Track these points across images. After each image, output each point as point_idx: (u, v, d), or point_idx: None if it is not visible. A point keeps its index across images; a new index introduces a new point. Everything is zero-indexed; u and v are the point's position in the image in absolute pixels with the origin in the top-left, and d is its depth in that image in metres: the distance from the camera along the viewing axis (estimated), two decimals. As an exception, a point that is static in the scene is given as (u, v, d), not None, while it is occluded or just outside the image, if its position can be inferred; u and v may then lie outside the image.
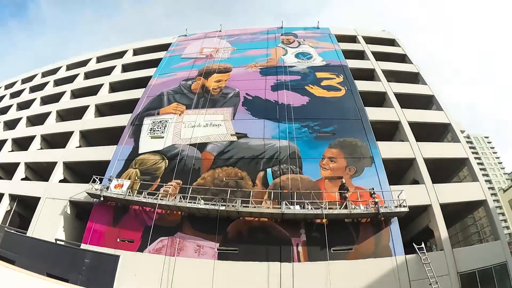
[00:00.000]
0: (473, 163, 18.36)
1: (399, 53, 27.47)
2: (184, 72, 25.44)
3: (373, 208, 14.19)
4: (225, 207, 14.68)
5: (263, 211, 14.79)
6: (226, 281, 13.67)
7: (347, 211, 14.04)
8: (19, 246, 16.15)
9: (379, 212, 14.05)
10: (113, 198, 16.43)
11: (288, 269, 13.65)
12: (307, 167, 16.98)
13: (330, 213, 14.12)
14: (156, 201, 15.53)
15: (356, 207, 14.29)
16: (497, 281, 14.54)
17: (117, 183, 16.91)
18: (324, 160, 17.30)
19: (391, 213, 14.41)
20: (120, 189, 16.52)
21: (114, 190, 16.54)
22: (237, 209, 14.50)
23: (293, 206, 14.56)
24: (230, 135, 19.22)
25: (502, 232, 16.36)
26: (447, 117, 20.61)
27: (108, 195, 16.33)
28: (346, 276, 13.46)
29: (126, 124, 21.60)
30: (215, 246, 14.63)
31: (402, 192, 14.88)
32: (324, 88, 21.86)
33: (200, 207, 14.93)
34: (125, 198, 15.96)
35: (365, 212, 14.20)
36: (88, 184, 17.19)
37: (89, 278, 14.16)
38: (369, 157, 17.34)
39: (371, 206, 14.33)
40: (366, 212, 14.21)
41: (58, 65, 35.50)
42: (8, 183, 22.37)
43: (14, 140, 26.81)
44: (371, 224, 14.61)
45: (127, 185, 16.78)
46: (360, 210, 14.20)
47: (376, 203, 14.25)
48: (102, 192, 16.34)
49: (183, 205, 15.11)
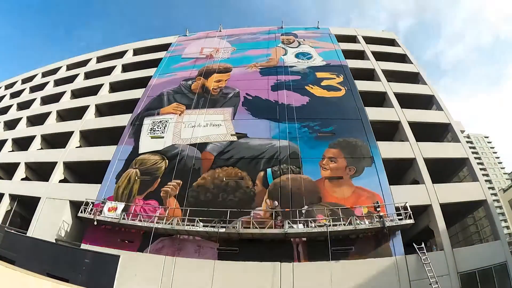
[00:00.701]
0: (473, 163, 18.36)
1: (399, 53, 27.47)
2: (184, 72, 25.45)
3: (378, 222, 13.94)
4: (225, 229, 14.22)
5: (265, 231, 14.13)
6: (226, 281, 13.67)
7: (352, 226, 13.75)
8: (19, 246, 16.14)
9: (385, 227, 13.84)
10: (107, 222, 15.86)
11: (289, 269, 13.64)
12: (307, 167, 16.99)
13: (334, 230, 13.73)
14: (153, 224, 15.00)
15: (361, 222, 13.98)
16: (497, 281, 14.54)
17: (111, 206, 16.27)
18: (324, 160, 17.30)
19: (397, 226, 14.16)
20: (114, 212, 15.97)
21: (108, 213, 15.97)
22: (237, 231, 14.10)
23: (296, 224, 14.13)
24: (230, 135, 19.22)
25: (502, 232, 16.39)
26: (447, 117, 20.62)
27: (102, 219, 15.77)
28: (346, 276, 13.45)
29: (126, 124, 21.59)
30: (215, 246, 14.62)
31: (406, 204, 14.65)
32: (324, 88, 21.87)
33: (199, 229, 14.43)
34: (120, 222, 15.46)
35: (370, 227, 13.96)
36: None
37: (89, 278, 14.15)
38: (369, 157, 17.34)
39: (375, 219, 14.10)
40: (371, 227, 13.98)
41: (58, 65, 35.51)
42: (8, 183, 22.36)
43: (14, 140, 26.80)
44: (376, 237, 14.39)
45: (121, 208, 16.19)
46: (365, 226, 13.94)
47: (381, 216, 14.04)
48: (95, 216, 15.71)
49: (181, 228, 14.57)
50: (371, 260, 13.83)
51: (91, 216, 15.77)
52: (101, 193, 17.68)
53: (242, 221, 14.61)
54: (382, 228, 13.89)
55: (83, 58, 34.02)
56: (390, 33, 30.55)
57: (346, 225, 13.85)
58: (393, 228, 14.17)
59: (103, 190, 17.80)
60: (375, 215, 14.25)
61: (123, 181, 17.98)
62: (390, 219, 14.21)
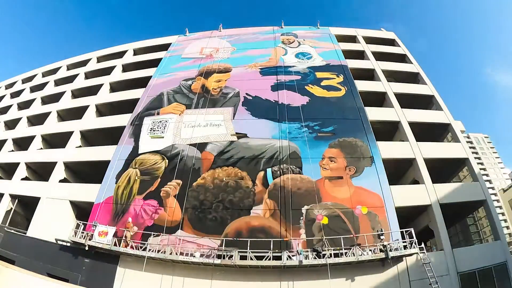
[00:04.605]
0: (473, 163, 18.35)
1: (399, 53, 27.46)
2: (184, 72, 25.43)
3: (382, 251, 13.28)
4: (221, 261, 13.47)
5: (263, 263, 13.34)
6: (226, 281, 13.67)
7: (355, 258, 13.05)
8: (19, 246, 16.17)
9: (388, 258, 13.10)
10: (99, 248, 14.83)
11: (289, 270, 13.63)
12: (307, 167, 16.98)
13: (335, 262, 13.08)
14: (145, 253, 14.07)
15: (363, 253, 13.28)
16: (497, 281, 14.55)
17: (101, 230, 15.17)
18: (324, 160, 17.30)
19: (401, 256, 13.59)
20: (105, 238, 14.91)
21: (98, 238, 14.90)
22: (234, 263, 13.34)
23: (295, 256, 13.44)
24: (230, 135, 19.21)
25: (502, 232, 16.39)
26: (447, 117, 20.61)
27: (93, 244, 14.79)
28: (346, 276, 13.44)
29: (126, 124, 21.59)
30: (215, 246, 14.62)
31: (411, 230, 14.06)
32: (324, 88, 21.86)
33: (194, 260, 13.65)
34: (111, 248, 14.48)
35: (373, 258, 13.22)
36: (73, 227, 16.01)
37: (89, 278, 14.17)
38: (369, 157, 17.34)
39: (378, 248, 13.46)
40: (374, 258, 13.24)
41: (58, 65, 35.49)
42: (8, 183, 22.38)
43: (14, 140, 26.82)
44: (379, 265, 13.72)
45: (112, 232, 15.10)
46: (367, 257, 13.19)
47: (385, 246, 13.34)
48: (86, 241, 14.75)
49: (175, 258, 13.84)
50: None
51: (82, 240, 14.89)
52: (101, 193, 17.70)
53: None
54: (385, 259, 13.28)
55: (83, 58, 34.00)
56: (390, 33, 30.50)
57: (348, 256, 13.18)
58: (396, 257, 13.54)
59: (103, 190, 17.80)
60: (379, 244, 13.56)
61: (123, 181, 17.98)
62: (395, 248, 13.53)
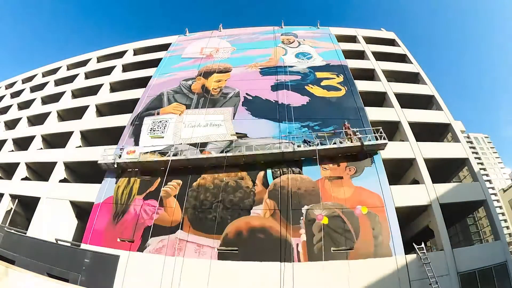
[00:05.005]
0: (473, 163, 18.36)
1: (399, 53, 27.47)
2: (184, 72, 25.42)
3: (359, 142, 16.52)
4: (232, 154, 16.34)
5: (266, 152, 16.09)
6: (226, 281, 13.68)
7: (337, 145, 16.36)
8: (19, 246, 16.14)
9: (364, 145, 16.36)
10: (127, 164, 17.48)
11: (289, 269, 13.65)
12: (307, 167, 16.98)
13: (322, 148, 16.38)
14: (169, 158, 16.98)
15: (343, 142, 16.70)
16: (497, 281, 14.55)
17: (129, 150, 18.18)
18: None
19: (374, 145, 16.70)
20: (133, 155, 17.52)
21: (127, 156, 17.67)
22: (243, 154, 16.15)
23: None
24: (230, 135, 19.21)
25: (502, 232, 16.38)
26: (447, 117, 20.63)
27: (122, 161, 17.39)
28: (346, 276, 13.46)
29: (126, 124, 21.59)
30: (215, 246, 14.64)
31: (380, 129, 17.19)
32: (324, 88, 21.86)
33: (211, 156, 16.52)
34: (139, 161, 17.18)
35: (352, 145, 16.53)
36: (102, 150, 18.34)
37: (89, 278, 14.16)
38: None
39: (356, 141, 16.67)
40: (353, 145, 16.53)
41: (58, 65, 35.49)
42: (8, 183, 22.37)
43: (14, 140, 26.81)
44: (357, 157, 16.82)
45: (139, 151, 18.15)
46: (348, 144, 16.59)
47: (360, 138, 16.59)
48: (115, 160, 17.26)
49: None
50: (371, 260, 13.83)
51: (111, 160, 17.42)
52: (101, 193, 17.69)
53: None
54: (362, 147, 16.33)
55: (83, 58, 33.99)
56: (390, 33, 30.51)
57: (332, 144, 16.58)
58: (369, 148, 16.68)
59: (103, 190, 17.79)
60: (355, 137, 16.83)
61: (123, 181, 17.95)
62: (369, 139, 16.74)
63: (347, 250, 14.11)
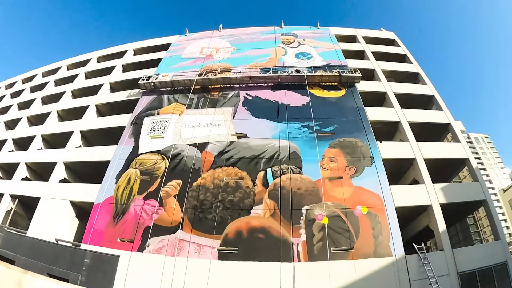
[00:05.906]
0: (473, 163, 18.36)
1: (399, 53, 27.46)
2: (184, 72, 25.39)
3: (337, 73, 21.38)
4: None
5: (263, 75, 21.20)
6: (226, 281, 13.68)
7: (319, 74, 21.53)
8: (19, 246, 16.15)
9: (341, 75, 21.37)
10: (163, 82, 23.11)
11: (289, 269, 13.66)
12: (307, 167, 16.98)
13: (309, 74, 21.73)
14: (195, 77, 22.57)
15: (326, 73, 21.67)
16: (497, 281, 14.55)
17: (164, 73, 23.97)
18: (324, 160, 17.30)
19: (349, 77, 21.55)
20: (167, 77, 23.19)
21: (162, 78, 23.32)
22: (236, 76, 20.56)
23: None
24: (230, 135, 19.21)
25: (502, 232, 16.37)
26: (447, 117, 20.62)
27: (157, 80, 23.11)
28: (346, 276, 13.46)
29: (126, 124, 21.60)
30: (215, 246, 14.64)
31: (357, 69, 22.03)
32: (324, 88, 21.86)
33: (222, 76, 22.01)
34: (171, 80, 22.96)
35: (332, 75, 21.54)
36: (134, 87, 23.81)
37: (89, 278, 14.16)
38: (369, 157, 17.34)
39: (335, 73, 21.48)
40: (332, 75, 21.54)
41: (58, 65, 35.48)
42: (8, 183, 22.38)
43: (14, 140, 26.82)
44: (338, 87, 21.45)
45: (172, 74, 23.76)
46: (329, 74, 21.54)
47: (339, 71, 21.53)
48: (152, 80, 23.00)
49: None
50: (371, 260, 13.84)
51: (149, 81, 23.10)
52: (101, 193, 17.71)
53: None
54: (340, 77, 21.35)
55: (83, 58, 33.98)
56: (390, 33, 30.49)
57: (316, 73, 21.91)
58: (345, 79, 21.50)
59: (103, 190, 17.82)
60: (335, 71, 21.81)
61: (123, 181, 17.99)
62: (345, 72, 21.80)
63: (347, 250, 14.12)
